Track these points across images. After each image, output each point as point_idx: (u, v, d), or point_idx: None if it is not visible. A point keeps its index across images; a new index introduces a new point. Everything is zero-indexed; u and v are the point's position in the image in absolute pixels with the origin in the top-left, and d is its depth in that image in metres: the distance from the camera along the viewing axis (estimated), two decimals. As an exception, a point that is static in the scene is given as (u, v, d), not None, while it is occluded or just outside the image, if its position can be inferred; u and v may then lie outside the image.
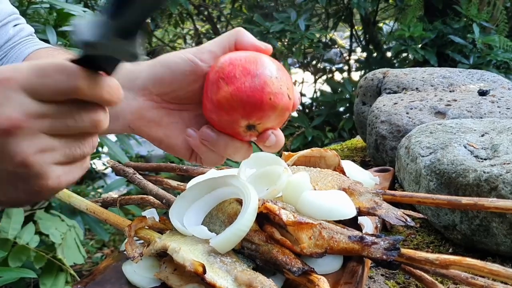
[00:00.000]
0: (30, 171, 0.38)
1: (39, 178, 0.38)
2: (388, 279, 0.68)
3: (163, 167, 0.91)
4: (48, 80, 0.38)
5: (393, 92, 1.14)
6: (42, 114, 0.38)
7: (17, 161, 0.37)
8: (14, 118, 0.37)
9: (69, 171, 0.40)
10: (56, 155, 0.39)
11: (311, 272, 0.54)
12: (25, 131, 0.37)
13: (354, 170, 0.82)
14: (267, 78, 0.50)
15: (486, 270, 0.49)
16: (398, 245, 0.54)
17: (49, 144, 0.39)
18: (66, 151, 0.40)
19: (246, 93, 0.49)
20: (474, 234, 0.71)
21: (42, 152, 0.38)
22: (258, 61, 0.51)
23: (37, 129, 0.38)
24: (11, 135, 0.37)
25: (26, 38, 0.66)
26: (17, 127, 0.37)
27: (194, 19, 4.26)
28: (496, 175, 0.67)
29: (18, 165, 0.37)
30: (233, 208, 0.62)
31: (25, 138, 0.37)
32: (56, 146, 0.39)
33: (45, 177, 0.38)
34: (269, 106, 0.50)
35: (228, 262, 0.56)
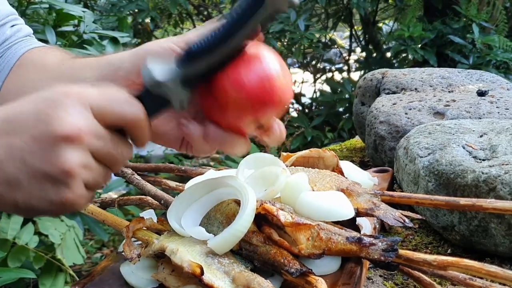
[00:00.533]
0: (68, 180, 0.40)
1: (68, 189, 0.41)
2: (386, 280, 0.68)
3: (162, 167, 0.91)
4: (116, 106, 0.42)
5: (392, 92, 1.14)
6: (99, 135, 0.42)
7: (63, 167, 0.40)
8: (80, 127, 0.40)
9: (87, 196, 0.43)
10: (89, 175, 0.42)
11: (309, 273, 0.54)
12: (83, 144, 0.40)
13: (353, 171, 0.82)
14: (276, 76, 0.50)
15: (484, 272, 0.49)
16: (396, 246, 0.54)
17: (91, 164, 0.42)
18: (96, 176, 0.43)
19: (258, 94, 0.49)
20: (473, 235, 0.71)
21: (83, 168, 0.41)
22: (263, 59, 0.50)
23: (90, 146, 0.41)
24: (71, 142, 0.40)
25: (23, 38, 0.66)
26: (80, 137, 0.40)
27: (193, 19, 4.26)
28: (494, 176, 0.67)
29: (62, 172, 0.40)
30: (231, 209, 0.62)
31: (80, 150, 0.40)
32: (94, 168, 0.42)
33: (73, 190, 0.41)
34: (279, 104, 0.51)
35: (226, 263, 0.56)
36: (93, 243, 2.59)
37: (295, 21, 3.03)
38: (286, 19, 3.06)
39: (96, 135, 0.41)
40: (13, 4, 1.88)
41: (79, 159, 0.41)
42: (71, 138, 0.40)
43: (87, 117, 0.41)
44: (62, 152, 0.40)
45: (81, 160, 0.41)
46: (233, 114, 0.50)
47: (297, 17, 3.05)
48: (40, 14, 2.01)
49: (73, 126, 0.40)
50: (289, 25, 3.03)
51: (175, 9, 3.35)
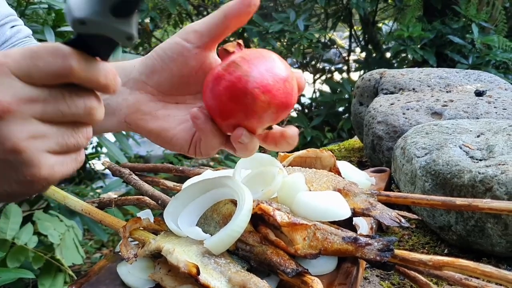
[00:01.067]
0: (21, 158, 0.36)
1: (30, 165, 0.37)
2: (383, 280, 0.68)
3: (160, 167, 0.91)
4: (40, 62, 0.36)
5: (390, 92, 1.14)
6: (34, 98, 0.37)
7: (8, 146, 0.36)
8: (4, 102, 0.35)
9: (63, 162, 0.39)
10: (49, 142, 0.38)
11: (305, 273, 0.55)
12: (16, 115, 0.36)
13: (350, 171, 0.82)
14: (289, 81, 0.50)
15: (479, 272, 0.49)
16: (392, 246, 0.54)
17: (41, 130, 0.37)
18: (59, 139, 0.38)
19: (281, 99, 0.49)
20: (469, 234, 0.71)
21: (34, 138, 0.37)
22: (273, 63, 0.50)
23: (29, 114, 0.37)
24: (1, 120, 0.35)
25: (23, 39, 0.66)
26: (8, 111, 0.36)
27: (193, 19, 4.26)
28: (491, 176, 0.67)
29: (9, 151, 0.36)
30: (228, 209, 0.62)
31: (16, 123, 0.36)
32: (49, 133, 0.38)
33: (37, 165, 0.37)
34: (291, 107, 0.51)
35: (222, 263, 0.56)
36: (92, 243, 2.59)
37: (295, 21, 3.03)
38: (285, 19, 3.06)
39: (31, 100, 0.36)
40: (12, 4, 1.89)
41: (22, 132, 0.36)
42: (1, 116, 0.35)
43: (13, 86, 0.36)
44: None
45: (26, 132, 0.36)
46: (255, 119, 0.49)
47: (297, 17, 3.05)
48: (39, 14, 2.02)
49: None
50: (288, 25, 3.03)
51: (175, 9, 3.35)
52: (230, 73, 0.48)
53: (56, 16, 1.87)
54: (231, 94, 0.48)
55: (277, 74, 0.49)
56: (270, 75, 0.49)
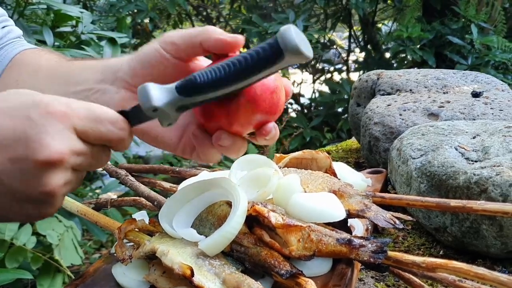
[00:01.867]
0: (50, 200, 0.40)
1: (52, 206, 0.41)
2: (378, 281, 0.68)
3: (156, 169, 0.91)
4: (101, 127, 0.42)
5: (387, 93, 1.14)
6: (81, 152, 0.41)
7: (46, 191, 0.40)
8: (62, 152, 0.39)
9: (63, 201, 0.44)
10: (73, 185, 0.43)
11: (299, 275, 0.55)
12: (65, 165, 0.40)
13: (346, 172, 0.82)
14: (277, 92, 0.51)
15: (472, 274, 0.49)
16: (386, 248, 0.54)
17: (72, 178, 0.42)
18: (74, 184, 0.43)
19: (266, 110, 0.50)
20: (465, 236, 0.71)
21: (66, 184, 0.41)
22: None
23: (73, 164, 0.41)
24: (52, 166, 0.39)
25: (14, 40, 0.67)
26: (61, 160, 0.39)
27: (192, 19, 4.26)
28: (486, 178, 0.67)
29: (43, 194, 0.40)
30: (223, 211, 0.62)
31: (62, 172, 0.40)
32: (74, 179, 0.42)
33: (56, 206, 0.41)
34: (276, 116, 0.52)
35: (217, 265, 0.56)
36: (91, 243, 2.59)
37: (294, 21, 3.03)
38: (285, 19, 3.06)
39: (78, 153, 0.41)
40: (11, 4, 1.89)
41: (61, 180, 0.40)
42: (53, 163, 0.39)
43: (70, 139, 0.40)
44: (43, 176, 0.39)
45: (64, 180, 0.40)
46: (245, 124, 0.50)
47: (296, 18, 3.05)
48: (38, 15, 2.02)
49: (55, 152, 0.39)
50: (287, 26, 3.03)
51: (174, 9, 3.35)
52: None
53: (55, 17, 1.87)
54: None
55: (265, 84, 0.49)
56: (259, 85, 0.49)
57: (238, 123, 0.50)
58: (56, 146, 0.39)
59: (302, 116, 3.35)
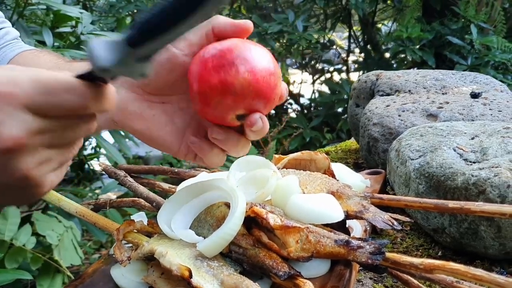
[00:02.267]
0: (29, 183, 0.39)
1: (36, 187, 0.39)
2: (376, 283, 0.68)
3: (155, 169, 0.91)
4: (55, 98, 0.37)
5: (386, 94, 1.14)
6: (44, 129, 0.38)
7: (19, 176, 0.38)
8: (17, 136, 0.36)
9: (59, 174, 0.42)
10: (53, 164, 0.40)
11: (297, 276, 0.55)
12: (27, 148, 0.37)
13: (345, 173, 0.82)
14: (275, 77, 0.50)
15: (469, 275, 0.49)
16: (383, 249, 0.54)
17: (48, 156, 0.39)
18: (61, 159, 0.41)
19: (262, 87, 0.49)
20: (463, 237, 0.71)
21: (41, 164, 0.39)
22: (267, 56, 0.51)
23: (38, 144, 0.38)
24: (13, 153, 0.37)
25: (11, 41, 0.67)
26: (20, 145, 0.37)
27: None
28: (484, 179, 0.67)
29: (19, 180, 0.38)
30: (221, 212, 0.62)
31: (27, 154, 0.38)
32: (53, 156, 0.40)
33: (41, 186, 0.40)
34: (269, 101, 0.51)
35: (215, 266, 0.56)
36: (91, 244, 2.59)
37: (294, 21, 3.04)
38: (284, 20, 3.07)
39: (41, 131, 0.38)
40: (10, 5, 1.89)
41: (32, 161, 0.38)
42: (13, 149, 0.37)
43: (24, 120, 0.37)
44: (11, 163, 0.37)
45: (36, 161, 0.38)
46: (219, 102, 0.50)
47: (296, 18, 3.06)
48: (37, 15, 2.02)
49: (10, 139, 0.36)
50: (287, 26, 3.03)
51: (174, 10, 3.34)
52: (223, 45, 0.49)
53: (54, 17, 1.88)
54: (217, 62, 0.48)
55: (267, 65, 0.50)
56: (261, 63, 0.49)
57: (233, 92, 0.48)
58: (9, 133, 0.36)
59: (302, 117, 3.35)
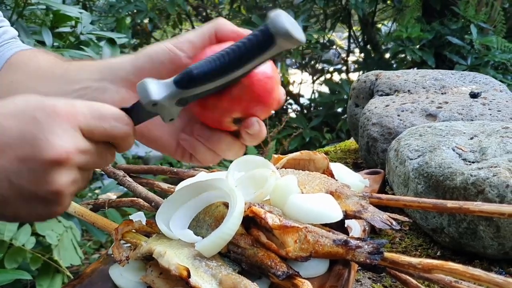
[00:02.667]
0: (57, 199, 0.41)
1: (59, 205, 0.42)
2: (375, 282, 0.68)
3: (154, 169, 0.91)
4: (106, 124, 0.43)
5: (385, 94, 1.14)
6: (88, 151, 0.42)
7: (53, 189, 0.40)
8: (67, 150, 0.40)
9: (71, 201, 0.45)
10: (80, 185, 0.43)
11: (296, 276, 0.55)
12: (70, 164, 0.41)
13: (344, 173, 0.82)
14: (273, 81, 0.51)
15: (468, 275, 0.49)
16: (382, 249, 0.54)
17: (79, 177, 0.43)
18: (81, 184, 0.44)
19: (258, 91, 0.49)
20: (462, 237, 0.71)
21: (72, 184, 0.42)
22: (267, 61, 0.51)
23: (79, 163, 0.42)
24: (58, 165, 0.40)
25: (9, 40, 0.67)
26: (67, 158, 0.40)
27: (192, 20, 4.26)
28: (483, 178, 0.67)
29: (51, 193, 0.41)
30: (220, 212, 0.62)
31: (67, 171, 0.41)
32: (81, 178, 0.43)
33: (64, 205, 0.42)
34: (266, 105, 0.51)
35: (214, 266, 0.56)
36: (91, 244, 2.58)
37: (293, 22, 3.03)
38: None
39: (84, 152, 0.42)
40: (10, 5, 1.89)
41: (68, 178, 0.41)
42: (60, 162, 0.40)
43: (76, 138, 0.41)
44: (51, 174, 0.40)
45: (70, 179, 0.41)
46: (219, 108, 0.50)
47: (296, 18, 3.05)
48: (37, 15, 2.02)
49: (62, 150, 0.40)
50: (287, 26, 3.03)
51: (174, 10, 3.35)
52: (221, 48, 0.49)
53: (54, 17, 1.87)
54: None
55: (264, 69, 0.50)
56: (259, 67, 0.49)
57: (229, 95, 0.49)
58: (62, 145, 0.40)
59: (301, 117, 3.35)
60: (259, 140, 0.53)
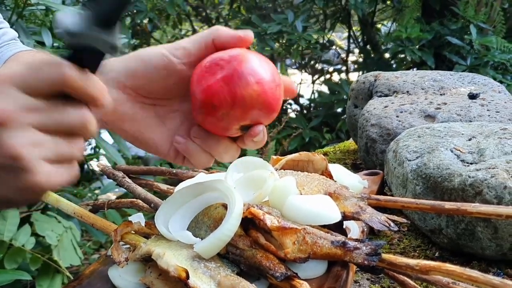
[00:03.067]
0: (19, 164, 0.38)
1: (28, 172, 0.39)
2: (373, 284, 0.68)
3: (154, 170, 0.91)
4: (38, 72, 0.39)
5: (384, 95, 1.15)
6: (32, 107, 0.39)
7: (8, 152, 0.38)
8: (7, 110, 0.38)
9: (57, 171, 0.41)
10: (45, 150, 0.39)
11: (294, 277, 0.55)
12: (17, 123, 0.38)
13: (343, 174, 0.82)
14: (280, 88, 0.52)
15: (465, 276, 0.49)
16: (380, 251, 0.54)
17: (38, 139, 0.39)
18: (54, 148, 0.40)
19: (270, 99, 0.50)
20: (460, 238, 0.71)
21: (32, 145, 0.39)
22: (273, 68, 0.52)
23: (28, 122, 0.39)
24: (3, 127, 0.38)
25: (9, 42, 0.67)
26: (10, 119, 0.38)
27: (192, 20, 4.27)
28: (481, 180, 0.67)
29: (9, 157, 0.38)
30: (219, 213, 0.62)
31: (17, 131, 0.38)
32: (45, 141, 0.40)
33: (34, 172, 0.39)
34: (275, 112, 0.52)
35: (212, 267, 0.57)
36: (91, 244, 2.59)
37: (293, 22, 3.04)
38: (284, 20, 3.07)
39: (30, 109, 0.39)
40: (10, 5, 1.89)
41: (22, 139, 0.38)
42: (3, 122, 0.37)
43: (14, 96, 0.39)
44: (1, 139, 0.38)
45: (25, 139, 0.38)
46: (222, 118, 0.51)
47: (295, 18, 3.06)
48: (37, 16, 2.02)
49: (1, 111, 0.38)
50: (287, 26, 3.03)
51: (173, 10, 3.35)
52: (230, 56, 0.50)
53: (54, 18, 1.87)
54: (226, 74, 0.49)
55: (273, 77, 0.51)
56: (267, 74, 0.50)
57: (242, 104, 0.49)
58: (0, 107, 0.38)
59: (301, 117, 3.35)
60: (260, 146, 0.54)
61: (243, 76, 0.49)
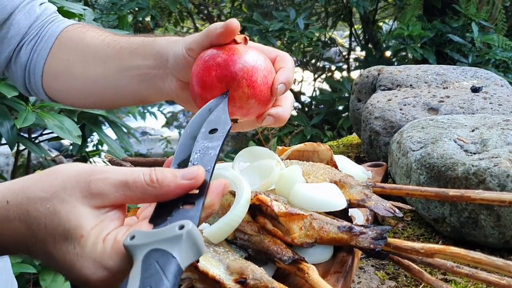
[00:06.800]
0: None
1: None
2: (378, 270, 0.69)
3: (160, 162, 0.92)
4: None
5: (388, 89, 1.16)
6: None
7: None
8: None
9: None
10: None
11: (301, 261, 0.56)
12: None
13: (347, 165, 0.83)
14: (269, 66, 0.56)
15: (469, 258, 0.50)
16: (385, 235, 0.56)
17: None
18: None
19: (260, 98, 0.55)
20: (463, 226, 0.72)
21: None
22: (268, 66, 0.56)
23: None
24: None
25: (51, 16, 0.69)
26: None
27: (194, 18, 4.28)
28: (484, 169, 0.68)
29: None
30: (227, 200, 0.63)
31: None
32: None
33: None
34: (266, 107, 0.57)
35: (221, 251, 0.58)
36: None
37: (295, 19, 3.04)
38: (285, 17, 3.07)
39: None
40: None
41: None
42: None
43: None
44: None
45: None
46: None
47: (297, 16, 3.06)
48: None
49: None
50: (288, 24, 3.04)
51: (175, 7, 3.36)
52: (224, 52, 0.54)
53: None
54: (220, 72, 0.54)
55: (266, 79, 0.55)
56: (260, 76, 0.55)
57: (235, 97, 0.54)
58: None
59: (302, 114, 3.36)
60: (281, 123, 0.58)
61: (236, 75, 0.54)
